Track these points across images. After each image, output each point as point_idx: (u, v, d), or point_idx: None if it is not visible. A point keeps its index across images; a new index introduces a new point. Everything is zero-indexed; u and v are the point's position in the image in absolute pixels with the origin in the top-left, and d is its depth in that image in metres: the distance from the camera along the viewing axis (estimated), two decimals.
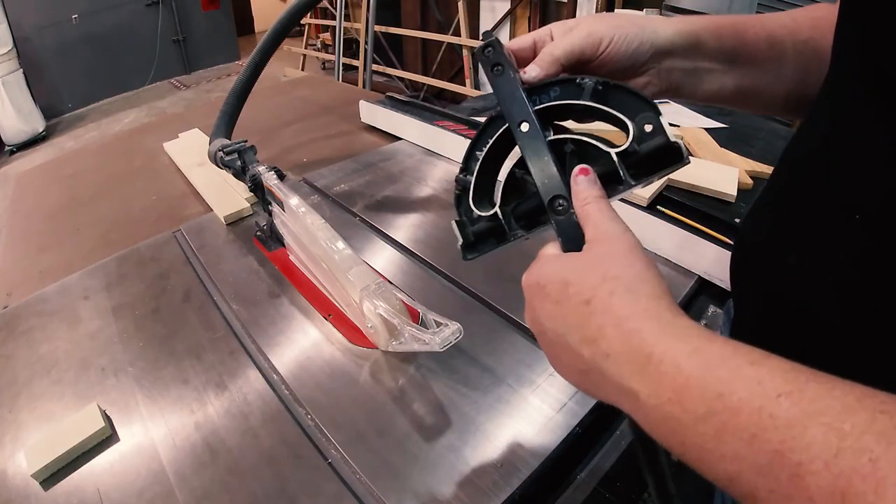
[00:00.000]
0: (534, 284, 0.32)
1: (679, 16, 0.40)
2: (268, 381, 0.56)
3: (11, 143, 3.80)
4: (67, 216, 0.97)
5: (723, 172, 0.86)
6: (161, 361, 0.59)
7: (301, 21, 3.73)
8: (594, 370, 0.28)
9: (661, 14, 2.17)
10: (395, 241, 0.79)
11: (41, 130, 3.98)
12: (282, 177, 0.74)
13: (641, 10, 2.35)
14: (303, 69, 4.92)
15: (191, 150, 1.11)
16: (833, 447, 0.18)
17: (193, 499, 0.45)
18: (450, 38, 3.53)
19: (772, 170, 0.40)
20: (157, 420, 0.53)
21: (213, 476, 0.47)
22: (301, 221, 0.66)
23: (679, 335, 0.25)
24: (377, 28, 3.78)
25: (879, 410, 0.18)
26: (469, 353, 0.57)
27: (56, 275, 0.76)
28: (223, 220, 0.84)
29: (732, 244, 0.65)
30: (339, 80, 3.77)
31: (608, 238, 0.30)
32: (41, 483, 0.47)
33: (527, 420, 0.50)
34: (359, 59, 3.98)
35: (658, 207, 0.76)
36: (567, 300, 0.29)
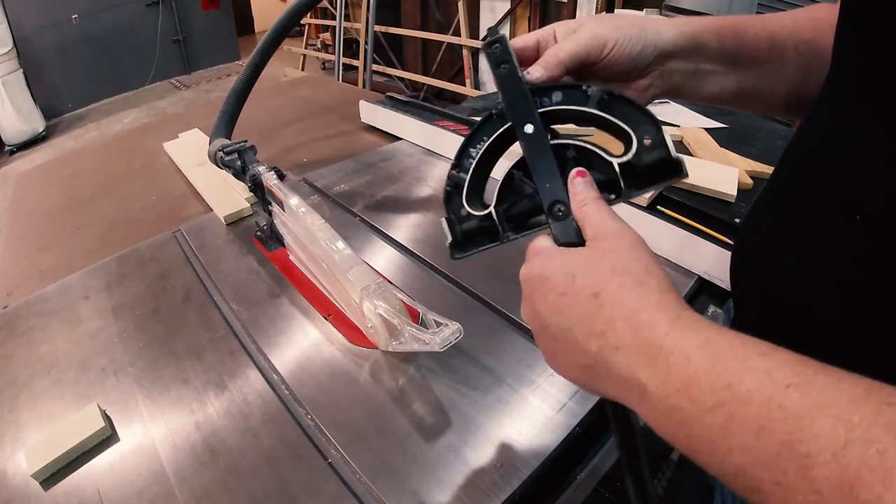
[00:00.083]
0: (536, 277, 0.32)
1: (680, 17, 0.39)
2: (268, 381, 0.56)
3: (11, 143, 3.81)
4: (67, 216, 0.97)
5: (723, 172, 0.86)
6: (161, 361, 0.59)
7: (301, 21, 3.73)
8: (600, 364, 0.28)
9: (662, 14, 2.17)
10: (395, 241, 0.79)
11: (41, 130, 3.98)
12: (282, 177, 0.74)
13: (641, 11, 2.35)
14: (303, 69, 4.92)
15: (191, 150, 1.11)
16: (841, 438, 0.18)
17: (193, 499, 0.45)
18: (450, 38, 3.53)
19: (772, 170, 0.40)
20: (157, 420, 0.53)
21: (213, 476, 0.47)
22: (301, 221, 0.66)
23: (689, 326, 0.25)
24: (377, 28, 3.78)
25: (887, 402, 0.18)
26: (469, 353, 0.57)
27: (56, 275, 0.76)
28: (223, 220, 0.84)
29: (732, 244, 0.65)
30: (339, 80, 3.77)
31: (613, 234, 0.30)
32: (41, 483, 0.47)
33: (527, 420, 0.50)
34: (359, 59, 3.98)
35: (658, 207, 0.76)
36: (574, 293, 0.29)
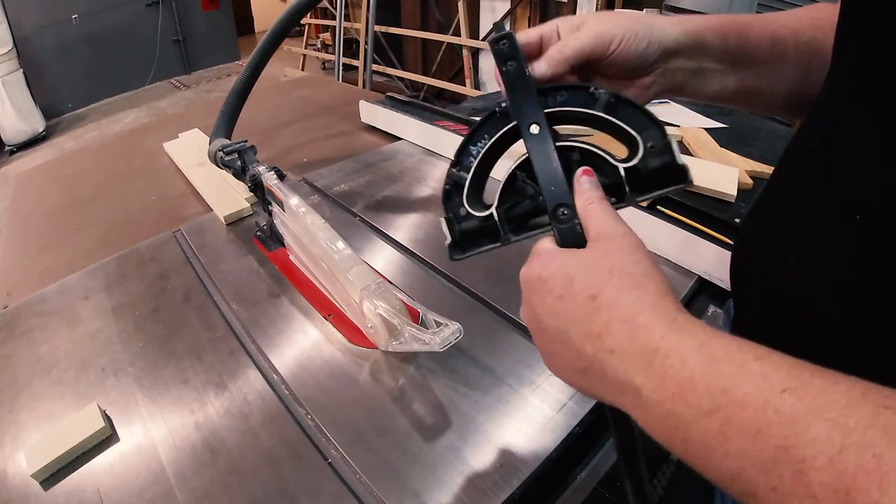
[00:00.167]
0: (535, 279, 0.32)
1: (681, 15, 0.39)
2: (268, 381, 0.56)
3: (11, 143, 3.81)
4: (67, 216, 0.97)
5: (723, 172, 0.86)
6: (161, 361, 0.59)
7: (301, 21, 3.73)
8: (595, 367, 0.28)
9: (662, 13, 2.16)
10: (395, 241, 0.79)
11: (41, 130, 3.98)
12: (282, 177, 0.74)
13: (641, 10, 2.35)
14: (303, 69, 4.92)
15: (191, 150, 1.11)
16: (837, 443, 0.18)
17: (193, 499, 0.45)
18: (450, 38, 3.53)
19: (772, 170, 0.40)
20: (157, 420, 0.53)
21: (213, 476, 0.47)
22: (301, 221, 0.66)
23: (685, 330, 0.25)
24: (377, 28, 3.78)
25: (884, 405, 0.18)
26: (469, 353, 0.57)
27: (56, 275, 0.76)
28: (223, 220, 0.84)
29: (732, 244, 0.65)
30: (339, 80, 3.77)
31: (613, 236, 0.30)
32: (41, 483, 0.47)
33: (527, 420, 0.50)
34: (359, 59, 3.98)
35: (658, 207, 0.76)
36: (572, 295, 0.29)
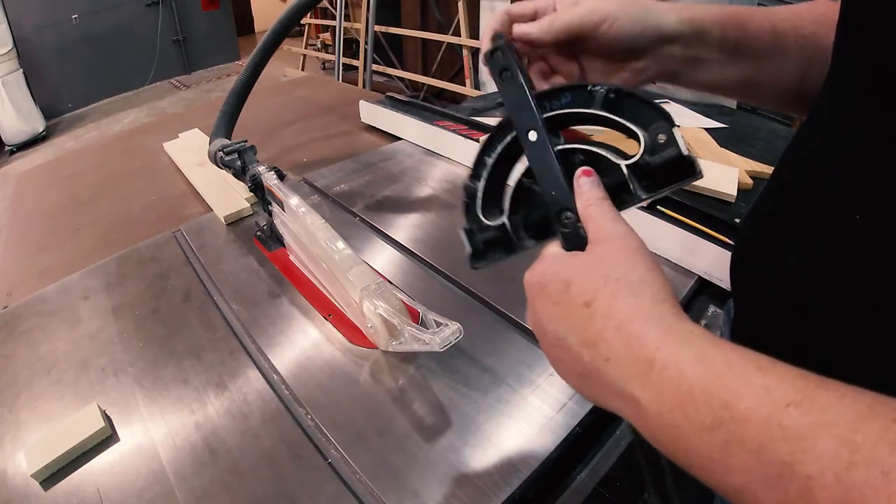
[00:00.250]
0: (535, 284, 0.31)
1: (682, 2, 0.39)
2: (268, 381, 0.56)
3: (11, 143, 3.80)
4: (67, 216, 0.97)
5: (723, 172, 0.86)
6: (161, 361, 0.59)
7: (301, 21, 3.73)
8: (593, 374, 0.27)
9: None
10: (395, 241, 0.79)
11: (41, 130, 3.98)
12: (282, 177, 0.74)
13: None
14: (303, 69, 4.92)
15: (191, 150, 1.11)
16: (844, 460, 0.17)
17: (193, 499, 0.45)
18: (450, 38, 3.53)
19: (772, 170, 0.40)
20: (157, 420, 0.53)
21: (213, 476, 0.47)
22: (301, 221, 0.66)
23: (682, 339, 0.24)
24: (377, 28, 3.78)
25: (892, 419, 0.18)
26: (469, 353, 0.57)
27: (56, 275, 0.76)
28: (223, 220, 0.84)
29: (732, 244, 0.65)
30: (339, 80, 3.77)
31: (611, 238, 0.29)
32: (41, 483, 0.47)
33: (527, 420, 0.50)
34: (359, 59, 3.98)
35: (658, 207, 0.76)
36: (568, 301, 0.29)
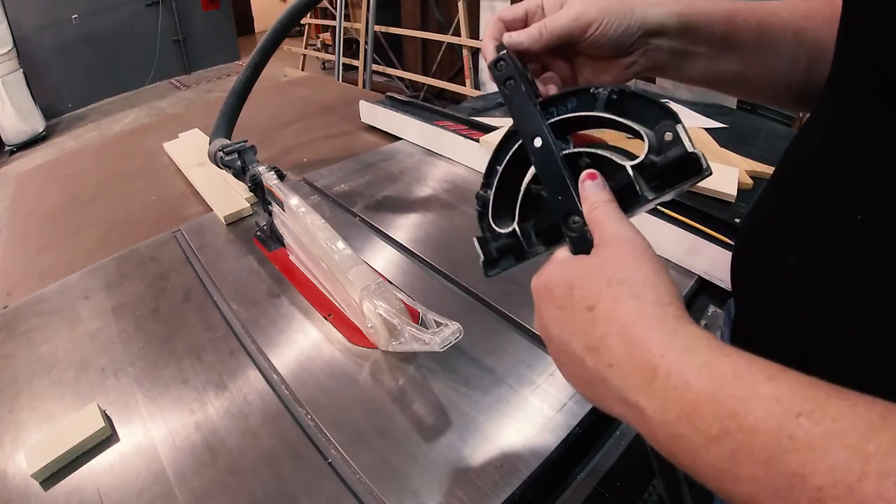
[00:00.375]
0: (542, 289, 0.31)
1: None
2: (268, 381, 0.56)
3: (11, 143, 3.80)
4: (67, 216, 0.97)
5: (723, 172, 0.86)
6: (161, 361, 0.59)
7: (301, 21, 3.73)
8: (597, 380, 0.27)
9: None
10: (395, 241, 0.79)
11: (41, 130, 3.98)
12: (282, 177, 0.74)
13: None
14: (303, 69, 4.92)
15: (191, 150, 1.11)
16: (857, 471, 0.17)
17: (193, 499, 0.45)
18: (450, 38, 3.52)
19: (772, 170, 0.40)
20: (157, 420, 0.53)
21: (213, 476, 0.47)
22: (301, 221, 0.66)
23: (687, 345, 0.24)
24: (377, 28, 3.77)
25: None
26: (469, 353, 0.57)
27: (56, 275, 0.76)
28: (223, 220, 0.84)
29: (733, 244, 0.65)
30: (339, 80, 3.76)
31: (615, 241, 0.29)
32: (41, 483, 0.47)
33: (527, 420, 0.50)
34: (359, 59, 3.98)
35: (658, 207, 0.76)
36: (571, 306, 0.28)
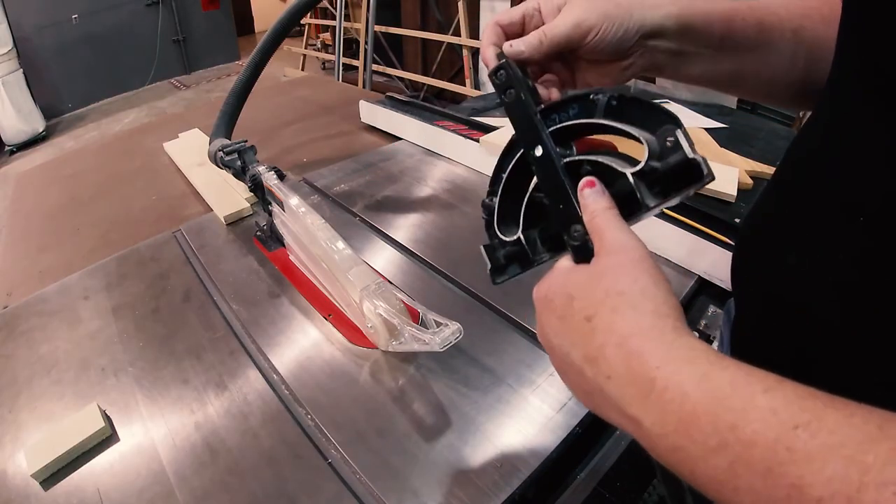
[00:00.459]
0: (542, 298, 0.31)
1: None
2: (268, 381, 0.56)
3: (11, 143, 3.80)
4: (67, 216, 0.97)
5: (723, 172, 0.86)
6: (161, 361, 0.59)
7: (301, 21, 3.73)
8: (596, 391, 0.27)
9: None
10: (395, 241, 0.79)
11: (41, 130, 3.97)
12: (282, 177, 0.74)
13: None
14: (303, 69, 4.92)
15: (191, 150, 1.11)
16: (855, 482, 0.17)
17: (193, 499, 0.45)
18: (450, 38, 3.52)
19: (772, 170, 0.40)
20: (157, 420, 0.53)
21: (213, 476, 0.47)
22: (301, 221, 0.66)
23: (684, 358, 0.24)
24: (377, 28, 3.77)
25: None
26: (469, 353, 0.57)
27: (56, 275, 0.76)
28: (223, 220, 0.84)
29: (732, 244, 0.65)
30: (339, 80, 3.76)
31: (614, 250, 0.29)
32: (41, 483, 0.47)
33: (527, 420, 0.50)
34: (359, 59, 3.98)
35: None
36: (571, 316, 0.28)
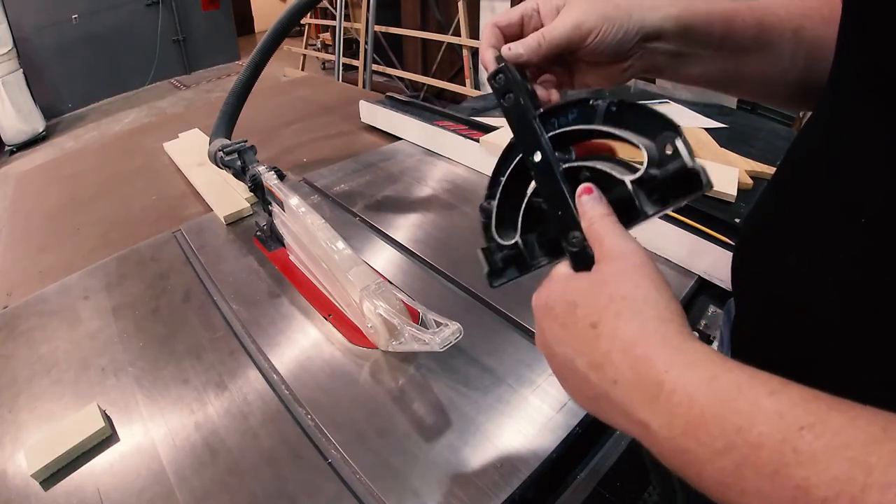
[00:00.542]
0: (543, 306, 0.31)
1: None
2: (268, 381, 0.56)
3: (11, 143, 3.80)
4: (67, 216, 0.97)
5: (723, 172, 0.86)
6: (161, 361, 0.59)
7: (301, 21, 3.73)
8: (602, 397, 0.27)
9: None
10: (395, 241, 0.79)
11: (41, 130, 3.97)
12: (282, 177, 0.74)
13: None
14: (303, 69, 4.92)
15: (191, 150, 1.11)
16: (859, 482, 0.18)
17: (193, 499, 0.45)
18: (450, 38, 3.52)
19: (772, 170, 0.40)
20: (157, 420, 0.53)
21: (213, 476, 0.47)
22: (301, 221, 0.66)
23: (691, 362, 0.24)
24: (377, 28, 3.77)
25: None
26: (469, 353, 0.57)
27: (56, 275, 0.76)
28: (223, 220, 0.84)
29: (733, 244, 0.65)
30: (339, 80, 3.76)
31: (616, 256, 0.29)
32: (41, 483, 0.47)
33: (527, 420, 0.50)
34: (359, 59, 3.98)
35: None
36: (574, 323, 0.28)
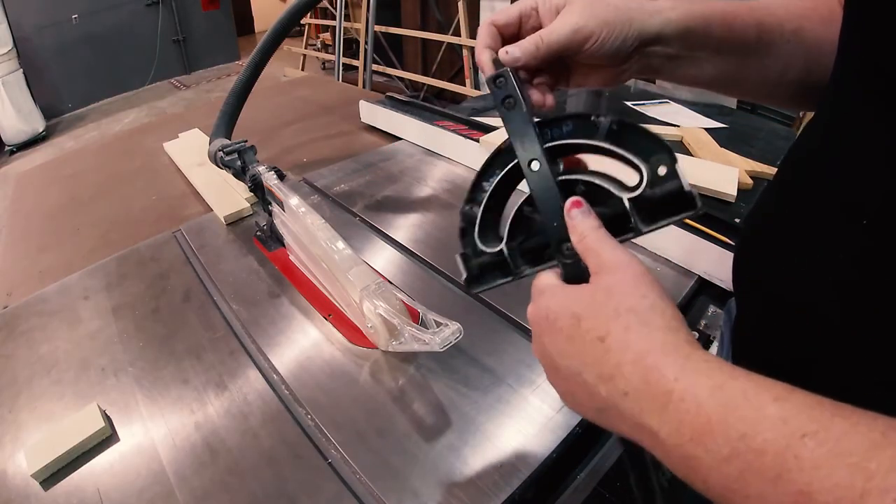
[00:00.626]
0: (543, 318, 0.31)
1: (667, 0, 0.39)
2: (268, 381, 0.56)
3: (11, 143, 3.80)
4: (67, 216, 0.97)
5: (723, 172, 0.86)
6: (161, 361, 0.59)
7: (301, 21, 3.73)
8: (611, 408, 0.27)
9: None
10: (395, 241, 0.79)
11: (41, 130, 3.98)
12: (282, 177, 0.74)
13: None
14: (303, 69, 4.92)
15: (191, 150, 1.11)
16: (858, 488, 0.18)
17: (193, 499, 0.45)
18: (450, 38, 3.52)
19: (772, 170, 0.40)
20: (157, 420, 0.53)
21: (213, 476, 0.47)
22: (301, 221, 0.66)
23: (699, 370, 0.24)
24: (377, 28, 3.77)
25: None
26: (469, 353, 0.57)
27: (56, 275, 0.76)
28: (223, 220, 0.84)
29: (733, 244, 0.65)
30: (339, 80, 3.77)
31: (615, 268, 0.29)
32: (41, 483, 0.47)
33: (527, 420, 0.50)
34: (359, 59, 3.98)
35: None
36: (580, 337, 0.28)
